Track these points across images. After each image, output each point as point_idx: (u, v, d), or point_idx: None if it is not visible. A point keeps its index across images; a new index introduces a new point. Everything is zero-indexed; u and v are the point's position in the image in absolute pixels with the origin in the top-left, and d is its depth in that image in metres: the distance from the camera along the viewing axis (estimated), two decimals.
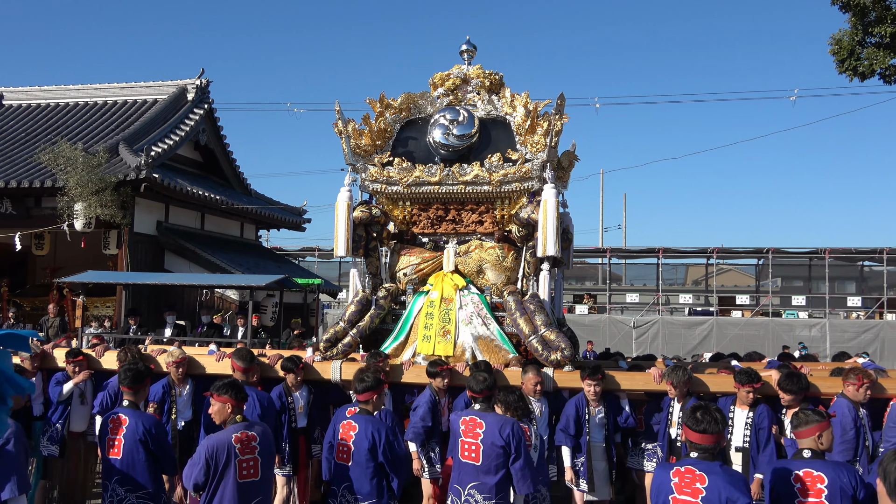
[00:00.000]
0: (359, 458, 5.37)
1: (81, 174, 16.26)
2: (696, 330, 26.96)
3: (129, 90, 22.26)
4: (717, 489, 3.71)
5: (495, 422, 5.44)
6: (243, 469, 4.88)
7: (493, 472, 5.33)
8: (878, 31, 14.38)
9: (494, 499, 5.34)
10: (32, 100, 22.86)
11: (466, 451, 5.43)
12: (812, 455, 4.38)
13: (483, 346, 7.62)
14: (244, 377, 6.67)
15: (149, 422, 5.49)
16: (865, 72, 14.70)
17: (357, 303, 8.11)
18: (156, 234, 18.62)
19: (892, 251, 28.97)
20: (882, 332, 26.19)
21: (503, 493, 5.39)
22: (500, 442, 5.35)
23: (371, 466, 5.36)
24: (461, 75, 8.49)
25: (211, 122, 21.88)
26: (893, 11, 14.18)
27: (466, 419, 5.52)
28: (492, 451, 5.35)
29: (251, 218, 22.69)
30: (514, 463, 5.36)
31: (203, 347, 9.26)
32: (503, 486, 5.38)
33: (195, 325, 16.15)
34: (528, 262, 8.10)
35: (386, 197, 8.38)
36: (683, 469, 3.85)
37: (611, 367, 7.79)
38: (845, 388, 6.33)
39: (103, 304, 17.88)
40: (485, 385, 5.69)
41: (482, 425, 5.43)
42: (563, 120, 7.83)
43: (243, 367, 6.76)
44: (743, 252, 31.78)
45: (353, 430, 5.47)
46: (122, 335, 13.96)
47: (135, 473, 5.32)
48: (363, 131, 8.34)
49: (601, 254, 33.07)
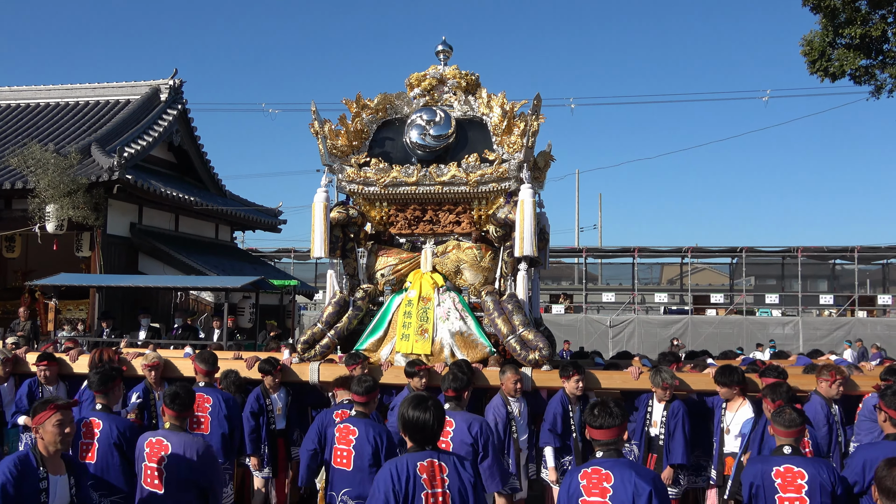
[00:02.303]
0: (360, 462, 5.27)
1: (53, 176, 16.09)
2: (671, 328, 27.18)
3: (102, 90, 22.05)
4: (622, 484, 3.67)
5: (464, 420, 5.50)
6: (147, 477, 4.90)
7: None
8: (848, 32, 14.57)
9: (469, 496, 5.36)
10: (2, 100, 22.56)
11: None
12: (792, 451, 4.44)
13: (460, 342, 7.61)
14: (207, 379, 6.64)
15: (123, 425, 5.42)
16: (836, 72, 14.89)
17: (334, 304, 8.08)
18: (129, 236, 18.47)
19: (864, 249, 29.40)
20: (854, 330, 26.55)
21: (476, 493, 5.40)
22: (468, 440, 5.40)
23: (375, 470, 5.24)
24: (437, 76, 8.48)
25: (185, 122, 21.73)
26: (863, 13, 14.38)
27: None
28: (461, 448, 5.38)
29: (226, 219, 22.57)
30: (482, 462, 5.40)
31: (178, 350, 9.19)
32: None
33: (170, 327, 16.02)
34: (506, 262, 8.11)
35: (363, 198, 8.36)
36: (590, 470, 3.80)
37: (588, 365, 7.84)
38: (818, 384, 6.41)
39: (76, 307, 17.69)
40: (457, 384, 5.71)
41: (452, 423, 5.48)
42: (539, 120, 7.85)
43: (206, 369, 6.72)
44: (717, 251, 32.09)
45: (353, 434, 5.39)
46: (96, 338, 13.80)
47: (109, 478, 5.24)
48: (340, 132, 8.31)
49: (577, 254, 33.24)
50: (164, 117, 20.53)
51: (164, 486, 4.81)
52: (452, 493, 3.88)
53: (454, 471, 3.94)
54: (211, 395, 6.38)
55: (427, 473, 3.87)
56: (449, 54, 8.64)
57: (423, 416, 3.93)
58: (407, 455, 3.96)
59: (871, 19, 14.50)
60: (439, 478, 3.89)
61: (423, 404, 3.96)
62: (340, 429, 5.53)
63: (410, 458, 3.92)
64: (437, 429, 3.97)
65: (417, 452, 3.93)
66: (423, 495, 3.81)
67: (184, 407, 5.05)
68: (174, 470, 4.81)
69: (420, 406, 3.95)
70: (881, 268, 35.26)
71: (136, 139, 19.01)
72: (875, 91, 15.60)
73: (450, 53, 8.65)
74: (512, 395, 6.62)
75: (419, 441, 3.95)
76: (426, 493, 3.82)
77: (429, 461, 3.90)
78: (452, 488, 3.89)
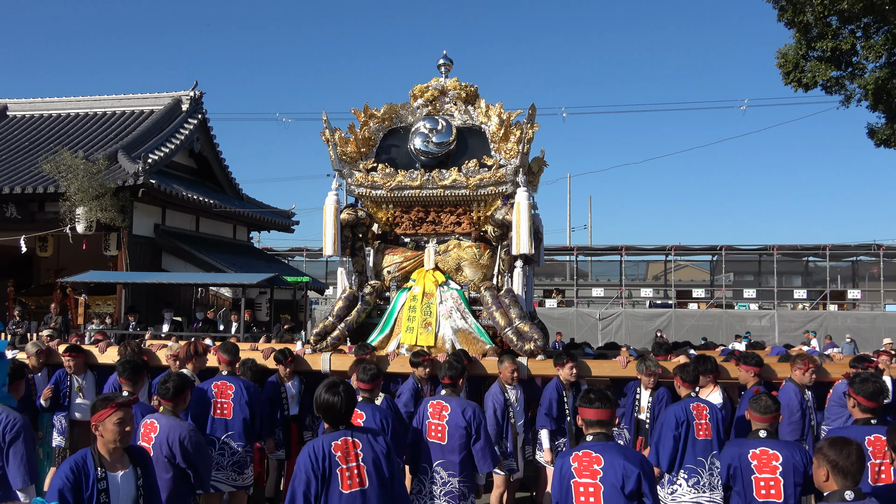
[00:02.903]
0: None
1: (82, 181, 16.12)
2: (655, 321, 27.15)
3: (128, 101, 22.06)
4: (612, 467, 3.67)
5: (459, 405, 5.53)
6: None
7: (458, 452, 5.42)
8: (820, 45, 14.56)
9: (459, 476, 5.42)
10: (36, 111, 22.58)
11: (433, 431, 5.49)
12: (767, 435, 4.45)
13: (462, 338, 7.64)
14: (229, 368, 6.64)
15: (146, 411, 5.40)
16: (809, 83, 14.88)
17: (344, 299, 8.09)
18: (153, 237, 18.48)
19: (835, 248, 29.38)
20: (825, 322, 26.55)
21: (466, 472, 5.46)
22: (462, 423, 5.43)
23: None
24: (439, 87, 8.48)
25: (204, 131, 21.75)
26: (834, 28, 14.37)
27: (434, 403, 5.61)
28: (455, 431, 5.43)
29: (243, 221, 22.58)
30: (475, 444, 5.46)
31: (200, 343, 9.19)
32: (466, 464, 5.46)
33: (191, 321, 16.04)
34: (503, 259, 8.13)
35: (370, 200, 8.37)
36: (581, 453, 3.81)
37: (579, 355, 7.84)
38: (793, 372, 6.42)
39: (104, 302, 17.69)
40: (452, 372, 5.74)
41: (447, 408, 5.52)
42: (533, 128, 7.86)
43: (228, 359, 6.72)
44: (698, 249, 32.04)
45: (360, 418, 5.39)
46: (123, 331, 13.84)
47: None
48: (349, 139, 8.32)
49: (569, 252, 33.22)
50: (186, 126, 20.54)
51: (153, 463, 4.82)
52: (367, 464, 4.01)
53: (367, 445, 4.07)
54: (233, 383, 6.38)
55: (341, 451, 3.99)
56: (450, 67, 8.64)
57: (333, 399, 4.04)
58: (322, 436, 4.07)
59: (842, 34, 14.50)
60: (353, 453, 4.01)
61: (334, 389, 4.07)
62: None
63: (325, 438, 4.03)
64: (346, 410, 4.07)
65: (332, 433, 4.05)
66: (339, 471, 3.93)
67: (168, 393, 5.00)
68: (157, 450, 4.78)
69: (331, 391, 4.06)
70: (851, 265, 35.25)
71: (160, 146, 19.01)
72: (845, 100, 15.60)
73: (450, 66, 8.65)
74: (509, 383, 6.63)
75: (332, 422, 4.08)
76: (341, 469, 3.94)
77: (343, 440, 4.02)
78: (367, 461, 4.01)
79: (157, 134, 19.74)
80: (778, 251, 29.65)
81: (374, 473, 4.01)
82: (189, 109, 21.10)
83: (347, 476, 3.97)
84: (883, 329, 24.55)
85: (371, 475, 4.01)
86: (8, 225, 17.74)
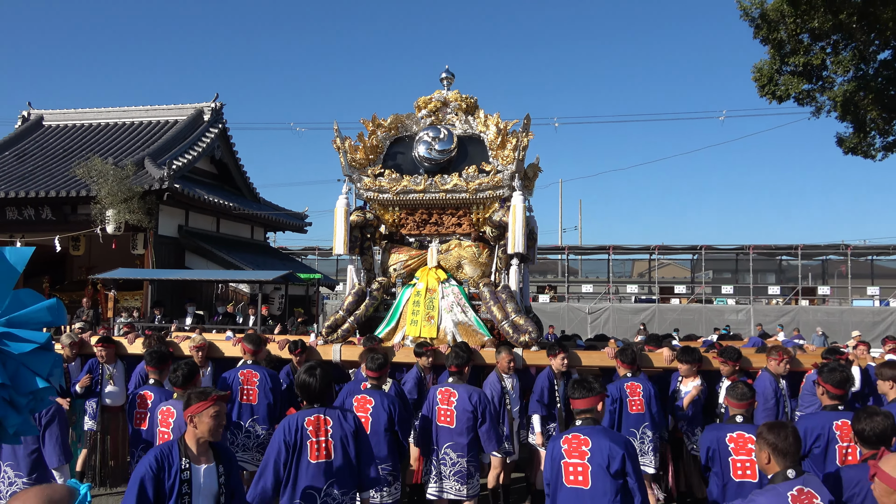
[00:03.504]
0: (377, 427, 5.23)
1: (112, 185, 16.12)
2: (640, 315, 27.16)
3: (153, 112, 22.06)
4: (599, 447, 3.67)
5: (466, 391, 5.57)
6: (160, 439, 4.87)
7: (465, 434, 5.47)
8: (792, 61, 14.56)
9: (466, 456, 5.46)
10: (69, 121, 22.58)
11: (443, 416, 5.53)
12: (744, 420, 4.46)
13: (462, 331, 7.64)
14: (253, 358, 6.65)
15: (168, 396, 5.37)
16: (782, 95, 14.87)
17: (354, 294, 8.09)
18: (177, 237, 18.48)
19: (806, 248, 29.38)
20: (798, 316, 26.55)
21: (473, 452, 5.52)
22: (469, 407, 5.47)
23: (388, 434, 5.26)
24: (441, 99, 8.48)
25: (224, 139, 21.73)
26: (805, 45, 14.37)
27: (442, 390, 5.64)
28: (463, 415, 5.47)
29: (260, 222, 22.58)
30: (481, 426, 5.50)
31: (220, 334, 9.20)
32: (473, 445, 5.51)
33: (212, 314, 16.04)
34: (500, 258, 8.12)
35: (378, 203, 8.37)
36: (571, 436, 3.81)
37: (571, 346, 7.83)
38: (768, 362, 6.42)
39: (132, 297, 17.71)
40: (458, 361, 5.77)
41: (455, 394, 5.56)
42: (528, 137, 7.85)
43: (252, 349, 6.73)
44: (680, 249, 32.05)
45: (370, 404, 5.38)
46: (149, 324, 13.83)
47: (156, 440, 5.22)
48: (358, 147, 8.32)
49: (560, 251, 33.25)
50: (207, 135, 20.53)
51: None
52: (335, 440, 4.15)
53: (337, 423, 4.21)
54: (258, 371, 6.39)
55: (313, 426, 4.14)
56: (451, 80, 8.65)
57: (309, 380, 4.20)
58: (298, 412, 4.23)
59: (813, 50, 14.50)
60: (323, 429, 4.16)
61: (312, 371, 4.24)
62: (358, 398, 5.53)
63: (301, 414, 4.20)
64: (321, 390, 4.22)
65: (307, 409, 4.20)
66: (309, 443, 4.10)
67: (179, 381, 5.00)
68: (176, 433, 4.80)
69: (308, 372, 4.23)
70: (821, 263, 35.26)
71: (183, 154, 19.01)
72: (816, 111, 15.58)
73: (452, 80, 8.65)
74: (506, 372, 6.63)
75: (308, 399, 4.25)
76: (311, 441, 4.10)
77: (315, 416, 4.17)
78: (335, 437, 4.16)
79: (181, 142, 19.74)
80: (753, 251, 29.64)
81: (340, 448, 4.15)
82: (210, 119, 21.09)
83: (315, 448, 4.12)
84: (850, 323, 24.56)
85: (337, 449, 4.16)
86: (44, 226, 17.76)
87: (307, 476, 4.08)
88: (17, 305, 2.51)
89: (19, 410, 2.52)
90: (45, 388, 2.59)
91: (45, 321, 2.55)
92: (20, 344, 2.49)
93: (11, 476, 4.92)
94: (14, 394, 2.49)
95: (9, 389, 2.47)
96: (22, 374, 2.50)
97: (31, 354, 2.51)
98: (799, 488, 3.16)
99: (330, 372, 4.38)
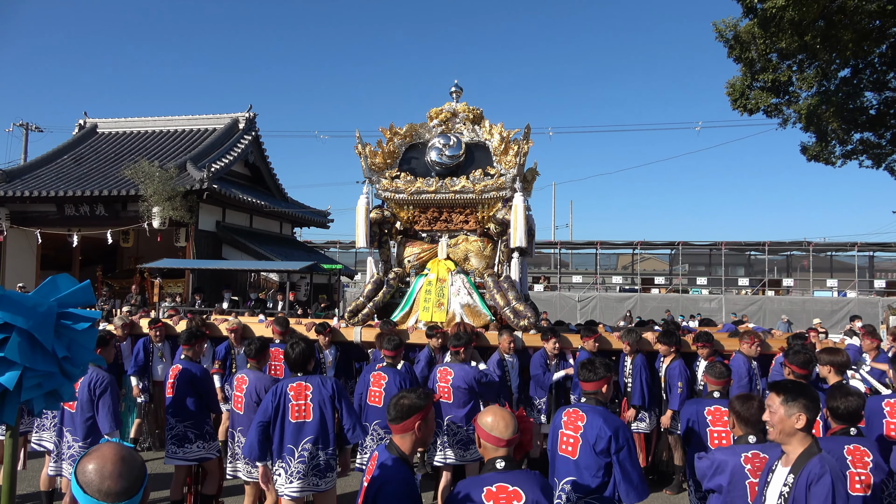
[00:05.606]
0: (388, 399, 5.29)
1: (157, 185, 16.15)
2: (625, 303, 27.09)
3: (194, 121, 22.06)
4: (591, 425, 3.60)
5: (460, 369, 5.60)
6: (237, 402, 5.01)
7: (461, 406, 5.53)
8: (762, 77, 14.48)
9: (465, 426, 5.50)
10: (120, 128, 22.62)
11: (441, 392, 5.60)
12: (720, 396, 4.43)
13: (468, 312, 7.61)
14: (281, 339, 6.63)
15: (197, 369, 5.30)
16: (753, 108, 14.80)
17: (373, 283, 8.08)
18: (215, 231, 18.51)
19: (772, 244, 29.25)
20: (764, 305, 26.45)
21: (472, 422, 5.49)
22: (463, 385, 5.52)
23: None
24: (451, 110, 8.44)
25: (257, 145, 21.72)
26: (774, 63, 14.28)
27: (441, 369, 5.69)
28: (457, 391, 5.52)
29: (288, 219, 22.58)
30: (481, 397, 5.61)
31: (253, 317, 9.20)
32: (471, 415, 5.50)
33: (246, 300, 16.08)
34: (502, 251, 8.10)
35: (394, 202, 8.35)
36: (571, 410, 3.77)
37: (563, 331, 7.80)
38: (741, 346, 6.39)
39: (175, 284, 17.75)
40: (457, 342, 5.76)
41: (451, 372, 5.59)
42: (528, 144, 7.82)
43: (281, 330, 6.72)
44: (660, 244, 31.93)
45: (384, 380, 5.47)
46: (190, 308, 13.86)
47: (184, 406, 5.19)
48: (377, 152, 8.30)
49: (553, 246, 33.16)
50: (242, 141, 20.52)
51: (244, 409, 4.91)
52: (313, 404, 4.31)
53: (317, 388, 4.36)
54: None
55: (295, 391, 4.32)
56: (460, 93, 8.60)
57: (291, 352, 4.40)
58: (283, 379, 4.43)
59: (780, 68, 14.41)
60: (304, 394, 4.33)
61: (294, 345, 4.44)
62: (374, 375, 5.55)
63: (285, 381, 4.39)
64: (302, 361, 4.39)
65: (292, 378, 4.39)
66: (290, 405, 4.29)
67: (252, 352, 5.05)
68: (248, 397, 4.90)
69: (291, 346, 4.43)
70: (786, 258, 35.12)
71: (221, 158, 19.01)
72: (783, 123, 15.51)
73: (460, 93, 8.61)
74: (507, 352, 6.60)
75: (291, 368, 4.43)
76: (292, 405, 4.29)
77: (298, 383, 4.35)
78: (314, 401, 4.32)
79: (219, 147, 19.75)
80: (725, 246, 29.51)
81: (317, 410, 4.29)
82: (245, 128, 21.09)
83: (296, 410, 4.29)
84: (812, 311, 24.42)
85: (315, 412, 4.29)
86: (97, 221, 17.82)
87: (289, 433, 4.26)
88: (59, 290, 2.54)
89: (72, 380, 2.54)
90: (95, 359, 2.65)
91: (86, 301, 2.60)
92: (79, 323, 2.51)
93: (70, 440, 4.93)
94: (71, 366, 2.50)
95: (69, 361, 2.48)
96: (76, 349, 2.52)
97: (85, 331, 2.53)
98: (755, 452, 3.30)
99: (311, 346, 4.53)
